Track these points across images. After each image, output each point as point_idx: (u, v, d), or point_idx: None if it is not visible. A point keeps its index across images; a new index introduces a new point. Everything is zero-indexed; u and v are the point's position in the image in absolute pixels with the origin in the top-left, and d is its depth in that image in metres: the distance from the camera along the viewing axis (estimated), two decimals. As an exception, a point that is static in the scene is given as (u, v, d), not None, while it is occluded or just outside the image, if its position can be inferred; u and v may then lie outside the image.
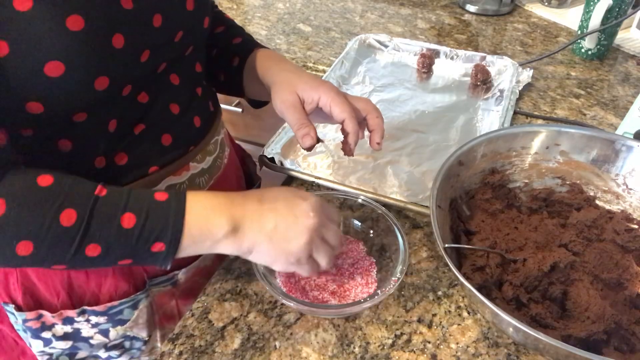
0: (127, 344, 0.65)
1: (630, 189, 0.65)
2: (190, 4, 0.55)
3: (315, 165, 0.78)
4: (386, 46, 1.07)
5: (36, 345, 0.61)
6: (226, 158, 0.71)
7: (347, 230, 0.66)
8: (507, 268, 0.58)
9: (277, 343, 0.55)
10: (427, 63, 1.01)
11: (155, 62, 0.53)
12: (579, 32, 1.09)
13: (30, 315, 0.59)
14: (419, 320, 0.57)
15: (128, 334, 0.63)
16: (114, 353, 0.65)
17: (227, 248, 0.50)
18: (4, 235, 0.43)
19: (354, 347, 0.54)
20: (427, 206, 0.67)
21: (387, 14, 1.27)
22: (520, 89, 0.94)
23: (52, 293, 0.58)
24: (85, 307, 0.59)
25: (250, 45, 0.69)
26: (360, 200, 0.64)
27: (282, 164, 0.75)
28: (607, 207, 0.65)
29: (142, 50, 0.49)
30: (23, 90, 0.43)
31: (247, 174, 0.83)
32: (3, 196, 0.43)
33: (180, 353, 0.54)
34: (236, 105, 1.18)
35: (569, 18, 1.23)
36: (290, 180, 0.76)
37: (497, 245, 0.60)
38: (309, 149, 0.58)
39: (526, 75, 0.97)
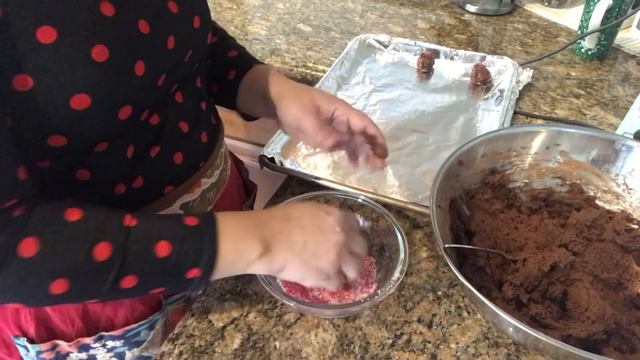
0: None
1: (630, 189, 0.65)
2: (197, 22, 0.54)
3: (315, 166, 0.78)
4: (386, 46, 1.07)
5: None
6: (229, 169, 0.71)
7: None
8: (507, 268, 0.58)
9: (277, 343, 0.55)
10: (427, 63, 1.01)
11: (169, 84, 0.52)
12: (579, 32, 1.09)
13: (44, 346, 0.57)
14: (419, 320, 0.57)
15: (144, 354, 0.63)
16: None
17: (259, 268, 0.49)
18: (38, 275, 0.41)
19: (354, 347, 0.54)
20: (427, 206, 0.67)
21: (387, 14, 1.27)
22: (520, 89, 0.94)
23: (66, 322, 0.57)
24: (103, 333, 0.58)
25: (248, 60, 0.68)
26: (360, 200, 0.64)
27: (282, 164, 0.75)
28: (607, 207, 0.65)
29: (159, 75, 0.49)
30: (48, 124, 0.42)
31: (242, 182, 0.83)
32: (35, 234, 0.41)
33: (180, 353, 0.54)
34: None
35: (569, 18, 1.23)
36: (290, 180, 0.76)
37: (497, 245, 0.60)
38: (333, 147, 0.59)
39: (526, 75, 0.97)
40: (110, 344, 0.60)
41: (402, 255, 0.57)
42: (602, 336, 0.51)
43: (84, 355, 0.60)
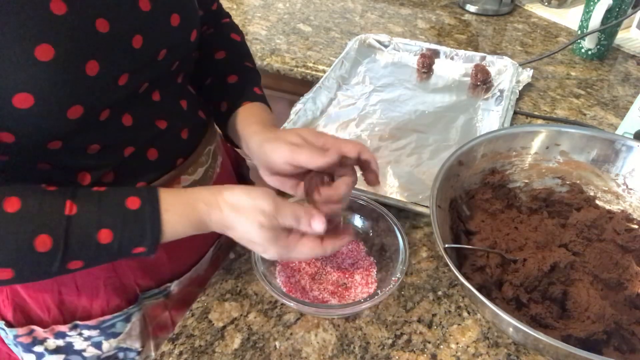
0: (120, 354, 0.64)
1: (630, 189, 0.65)
2: (175, 20, 0.52)
3: (315, 165, 0.77)
4: (386, 46, 1.07)
5: (29, 358, 0.61)
6: (218, 167, 0.69)
7: (347, 230, 0.66)
8: (507, 268, 0.58)
9: (277, 343, 0.55)
10: (427, 63, 1.01)
11: (135, 83, 0.51)
12: (579, 32, 1.09)
13: (21, 330, 0.58)
14: (419, 320, 0.57)
15: (122, 345, 0.63)
16: None
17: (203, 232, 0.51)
18: None
19: (354, 347, 0.54)
20: (427, 206, 0.67)
21: (387, 14, 1.27)
22: (520, 89, 0.94)
23: (43, 309, 0.58)
24: (78, 322, 0.59)
25: (242, 92, 0.64)
26: (360, 200, 0.64)
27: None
28: (607, 207, 0.65)
29: (119, 75, 0.47)
30: None
31: (241, 178, 0.82)
32: None
33: (180, 353, 0.54)
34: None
35: (569, 18, 1.23)
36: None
37: (497, 245, 0.60)
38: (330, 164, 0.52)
39: (526, 75, 0.97)
40: (86, 333, 0.60)
41: (402, 255, 0.57)
42: (602, 336, 0.51)
43: (60, 342, 0.60)
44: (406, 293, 0.60)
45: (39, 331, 0.59)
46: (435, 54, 1.03)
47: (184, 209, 0.49)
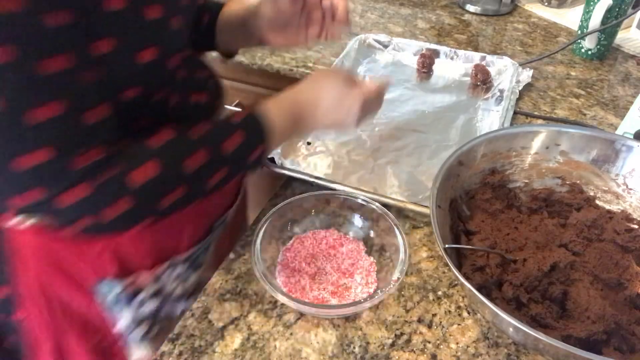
0: (198, 291, 0.68)
1: (630, 189, 0.65)
2: None
3: (315, 165, 0.78)
4: (386, 46, 1.07)
5: (126, 315, 0.64)
6: None
7: (347, 230, 0.66)
8: (507, 268, 0.58)
9: (277, 343, 0.55)
10: (427, 63, 1.01)
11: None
12: (579, 32, 1.09)
13: (127, 281, 0.61)
14: (419, 320, 0.57)
15: (201, 277, 0.70)
16: (189, 302, 0.68)
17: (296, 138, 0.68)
18: (163, 190, 0.48)
19: (354, 347, 0.54)
20: (427, 206, 0.67)
21: (387, 14, 1.27)
22: (520, 89, 0.94)
23: (141, 255, 0.62)
24: (173, 258, 0.65)
25: (217, 2, 0.74)
26: (360, 200, 0.64)
27: (282, 164, 0.75)
28: (607, 207, 0.65)
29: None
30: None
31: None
32: (154, 155, 0.47)
33: (180, 353, 0.54)
34: (236, 106, 1.18)
35: (569, 18, 1.23)
36: (290, 180, 0.76)
37: (497, 245, 0.60)
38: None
39: (526, 75, 0.97)
40: (178, 269, 0.66)
41: (402, 255, 0.57)
42: (602, 336, 0.51)
43: (155, 286, 0.65)
44: (406, 293, 0.60)
45: (142, 278, 0.63)
46: (435, 54, 1.03)
47: (277, 102, 0.59)
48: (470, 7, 1.28)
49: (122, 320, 0.64)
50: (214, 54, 0.77)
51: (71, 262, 0.59)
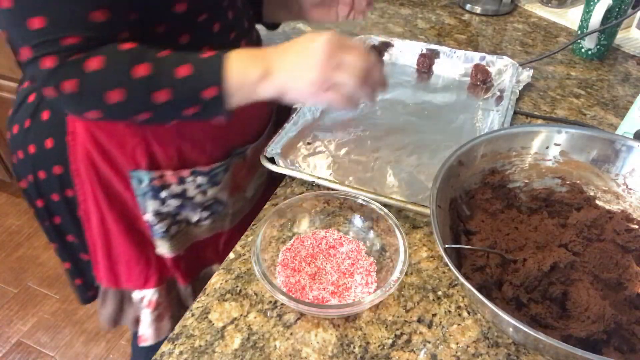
0: (214, 206, 0.78)
1: (630, 189, 0.65)
2: None
3: (315, 166, 0.78)
4: (386, 46, 1.07)
5: (152, 206, 0.72)
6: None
7: (347, 230, 0.66)
8: (507, 268, 0.58)
9: (277, 343, 0.55)
10: (427, 63, 1.01)
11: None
12: (579, 32, 1.09)
13: (155, 174, 0.70)
14: (419, 320, 0.57)
15: (217, 195, 0.77)
16: (204, 214, 0.78)
17: (266, 91, 0.58)
18: (106, 85, 0.54)
19: (354, 347, 0.54)
20: (427, 206, 0.67)
21: (387, 14, 1.27)
22: (520, 89, 0.94)
23: (168, 157, 0.70)
24: (196, 168, 0.72)
25: None
26: (360, 200, 0.64)
27: (282, 164, 0.75)
28: (607, 207, 0.65)
29: None
30: None
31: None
32: (110, 54, 0.54)
33: (181, 353, 0.54)
34: (236, 105, 1.18)
35: (569, 18, 1.23)
36: (290, 181, 0.76)
37: (497, 245, 0.60)
38: None
39: (526, 75, 0.97)
40: (199, 179, 0.73)
41: (402, 255, 0.57)
42: (602, 336, 0.51)
43: (180, 188, 0.73)
44: (406, 293, 0.60)
45: (168, 175, 0.71)
46: (435, 54, 1.03)
47: (249, 52, 0.59)
48: (470, 7, 1.28)
49: (149, 211, 0.72)
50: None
51: (112, 149, 0.68)
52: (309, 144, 0.82)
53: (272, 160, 0.75)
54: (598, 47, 1.06)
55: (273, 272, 0.60)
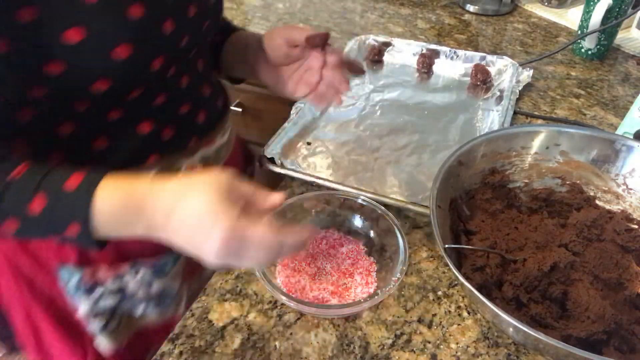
0: (161, 298, 0.68)
1: (630, 189, 0.65)
2: (192, 11, 0.56)
3: (315, 166, 0.78)
4: (386, 46, 1.07)
5: (85, 304, 0.63)
6: (223, 161, 0.72)
7: (347, 230, 0.66)
8: (507, 268, 0.58)
9: (277, 343, 0.55)
10: (427, 63, 1.01)
11: (166, 68, 0.56)
12: (579, 32, 1.09)
13: (86, 272, 0.61)
14: (419, 320, 0.57)
15: (166, 286, 0.67)
16: (150, 307, 0.68)
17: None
18: None
19: (354, 347, 0.54)
20: (427, 206, 0.67)
21: (387, 14, 1.27)
22: (520, 89, 0.94)
23: (100, 251, 0.57)
24: (137, 260, 0.63)
25: (232, 27, 0.76)
26: (360, 200, 0.64)
27: (282, 164, 0.75)
28: (607, 207, 0.65)
29: (152, 59, 0.53)
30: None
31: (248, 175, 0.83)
32: None
33: (180, 353, 0.54)
34: (236, 106, 1.18)
35: (569, 18, 1.23)
36: (290, 181, 0.76)
37: (497, 245, 0.60)
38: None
39: (526, 75, 0.97)
40: (142, 273, 0.64)
41: (402, 255, 0.57)
42: (602, 336, 0.51)
43: (117, 284, 0.64)
44: (406, 293, 0.60)
45: (102, 271, 0.62)
46: (435, 54, 1.03)
47: (123, 185, 0.45)
48: (470, 7, 1.28)
49: (82, 308, 0.64)
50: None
51: (35, 244, 0.61)
52: (309, 144, 0.82)
53: (272, 160, 0.75)
54: (598, 47, 1.06)
55: (273, 272, 0.60)
